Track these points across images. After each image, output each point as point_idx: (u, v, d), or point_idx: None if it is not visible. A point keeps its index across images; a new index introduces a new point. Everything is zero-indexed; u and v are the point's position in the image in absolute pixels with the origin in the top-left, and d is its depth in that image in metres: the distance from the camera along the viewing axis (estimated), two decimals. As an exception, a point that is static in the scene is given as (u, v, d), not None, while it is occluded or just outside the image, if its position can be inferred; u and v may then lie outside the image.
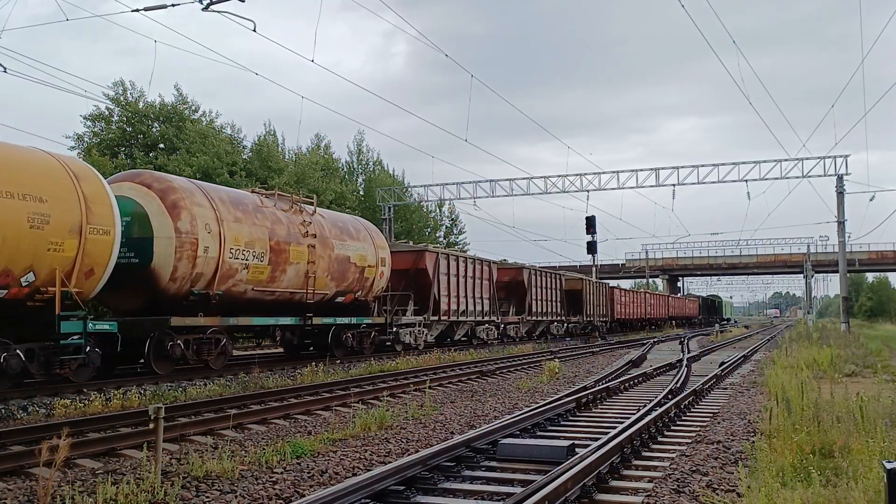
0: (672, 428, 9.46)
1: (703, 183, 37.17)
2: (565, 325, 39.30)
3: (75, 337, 12.59)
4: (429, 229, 51.10)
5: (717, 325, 63.54)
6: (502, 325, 32.15)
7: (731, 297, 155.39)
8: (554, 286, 38.27)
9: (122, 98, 34.20)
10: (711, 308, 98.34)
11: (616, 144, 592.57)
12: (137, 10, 15.42)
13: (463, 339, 29.41)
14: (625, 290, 54.45)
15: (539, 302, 36.07)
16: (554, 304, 38.18)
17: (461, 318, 27.79)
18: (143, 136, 34.38)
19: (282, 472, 6.99)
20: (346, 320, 20.52)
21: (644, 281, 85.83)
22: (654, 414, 9.28)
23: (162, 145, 34.57)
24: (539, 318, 36.38)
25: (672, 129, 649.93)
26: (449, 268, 26.55)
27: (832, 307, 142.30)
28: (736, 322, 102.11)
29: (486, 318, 30.07)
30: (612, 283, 65.30)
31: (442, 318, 25.96)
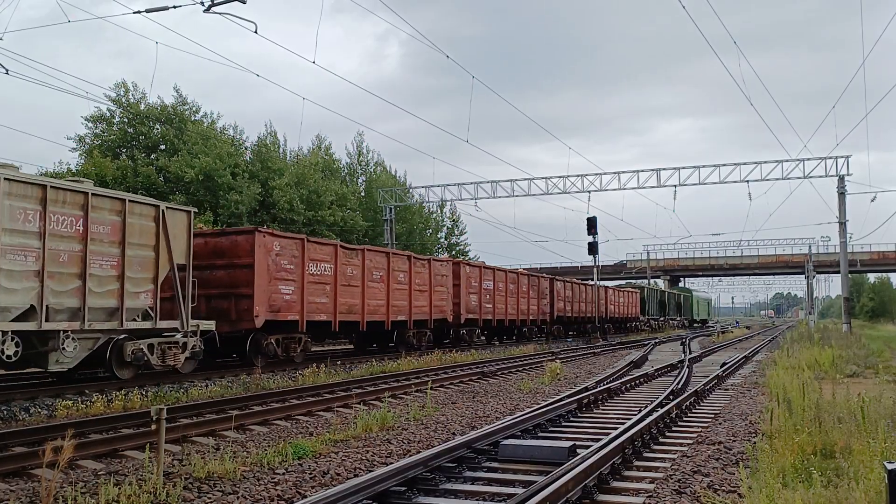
0: (673, 429, 9.46)
1: (705, 184, 37.27)
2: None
3: None
4: (430, 230, 51.10)
5: (718, 327, 59.30)
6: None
7: (715, 293, 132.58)
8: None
9: (123, 99, 34.27)
10: (671, 305, 69.53)
11: (612, 145, 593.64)
12: (139, 12, 15.46)
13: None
14: (421, 257, 24.94)
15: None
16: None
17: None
18: (145, 138, 34.43)
19: (283, 473, 7.01)
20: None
21: (644, 282, 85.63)
22: (655, 415, 9.29)
23: (163, 146, 34.62)
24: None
25: (667, 130, 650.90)
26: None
27: (834, 308, 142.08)
28: (737, 322, 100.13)
29: None
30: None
31: None
